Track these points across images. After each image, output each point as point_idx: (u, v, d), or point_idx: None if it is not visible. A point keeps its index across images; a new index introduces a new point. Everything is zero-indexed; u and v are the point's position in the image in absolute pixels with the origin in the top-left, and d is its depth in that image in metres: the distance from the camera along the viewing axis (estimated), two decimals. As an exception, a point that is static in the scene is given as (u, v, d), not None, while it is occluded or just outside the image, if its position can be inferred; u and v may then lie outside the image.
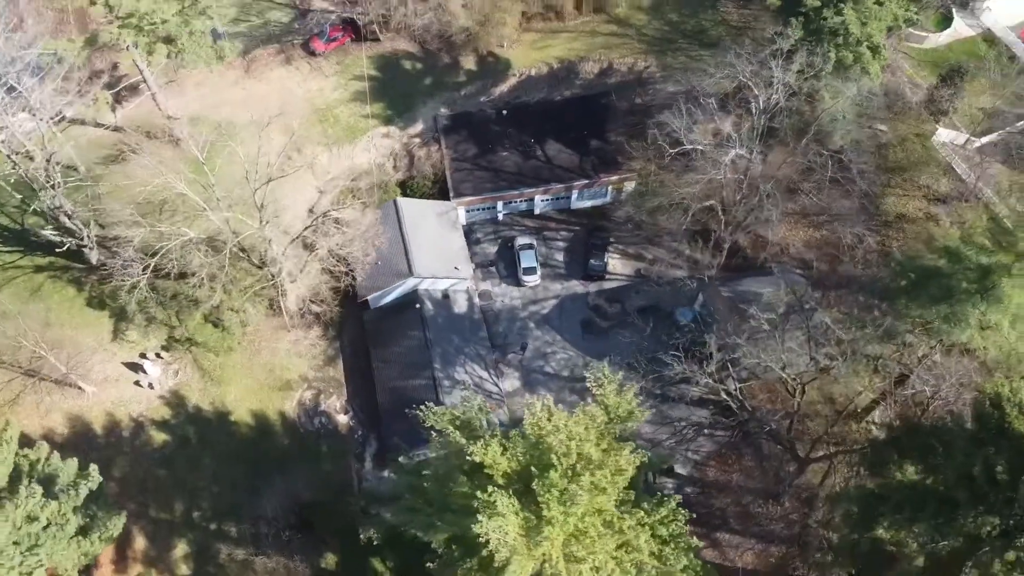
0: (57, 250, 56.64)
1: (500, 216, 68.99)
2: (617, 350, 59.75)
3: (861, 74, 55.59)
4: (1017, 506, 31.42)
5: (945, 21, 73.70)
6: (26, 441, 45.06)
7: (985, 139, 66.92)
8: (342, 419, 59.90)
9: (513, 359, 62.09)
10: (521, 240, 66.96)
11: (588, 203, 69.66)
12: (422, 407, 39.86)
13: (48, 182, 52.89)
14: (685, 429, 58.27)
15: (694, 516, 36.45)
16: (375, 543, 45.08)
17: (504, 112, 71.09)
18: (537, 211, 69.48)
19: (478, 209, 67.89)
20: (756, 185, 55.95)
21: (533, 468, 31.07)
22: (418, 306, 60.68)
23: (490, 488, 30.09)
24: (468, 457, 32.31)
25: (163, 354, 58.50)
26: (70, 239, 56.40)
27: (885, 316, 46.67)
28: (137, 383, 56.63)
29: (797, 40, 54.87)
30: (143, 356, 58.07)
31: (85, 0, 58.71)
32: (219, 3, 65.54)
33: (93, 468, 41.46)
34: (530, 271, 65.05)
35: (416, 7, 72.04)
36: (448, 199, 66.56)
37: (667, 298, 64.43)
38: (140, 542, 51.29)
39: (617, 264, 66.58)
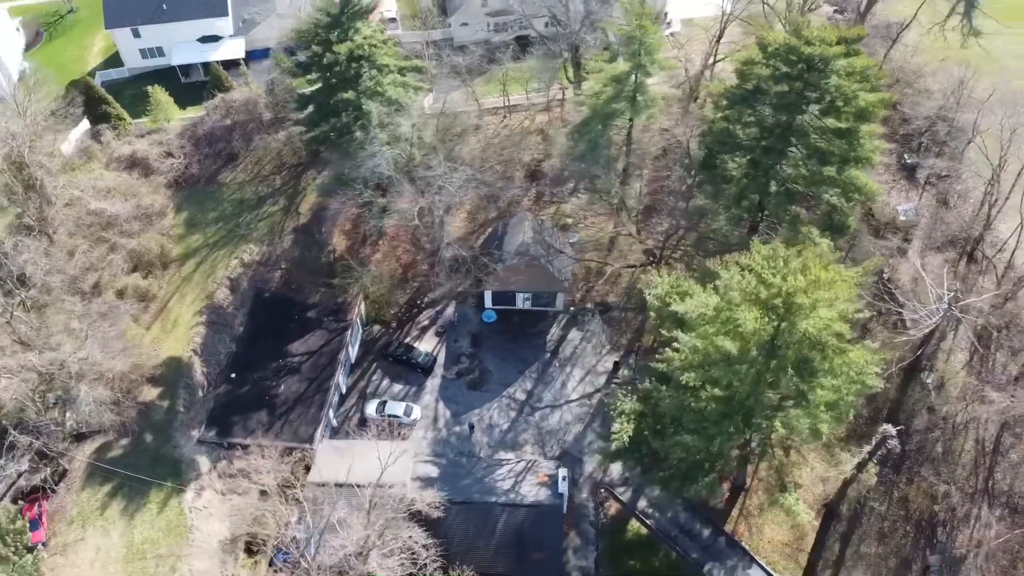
0: None
1: (334, 422, 69.50)
2: (500, 375, 72.20)
3: (410, 95, 72.57)
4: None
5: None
6: None
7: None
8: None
9: (480, 446, 67.67)
10: (370, 407, 69.16)
11: (357, 345, 74.52)
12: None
13: None
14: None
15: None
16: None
17: (232, 375, 69.80)
18: (344, 389, 71.79)
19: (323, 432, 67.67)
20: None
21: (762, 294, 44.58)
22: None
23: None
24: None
25: None
26: None
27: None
28: None
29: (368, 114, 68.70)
30: None
31: None
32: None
33: None
34: (408, 410, 68.86)
35: (64, 414, 63.43)
36: (305, 451, 65.05)
37: (471, 319, 76.14)
38: None
39: (428, 344, 74.54)
